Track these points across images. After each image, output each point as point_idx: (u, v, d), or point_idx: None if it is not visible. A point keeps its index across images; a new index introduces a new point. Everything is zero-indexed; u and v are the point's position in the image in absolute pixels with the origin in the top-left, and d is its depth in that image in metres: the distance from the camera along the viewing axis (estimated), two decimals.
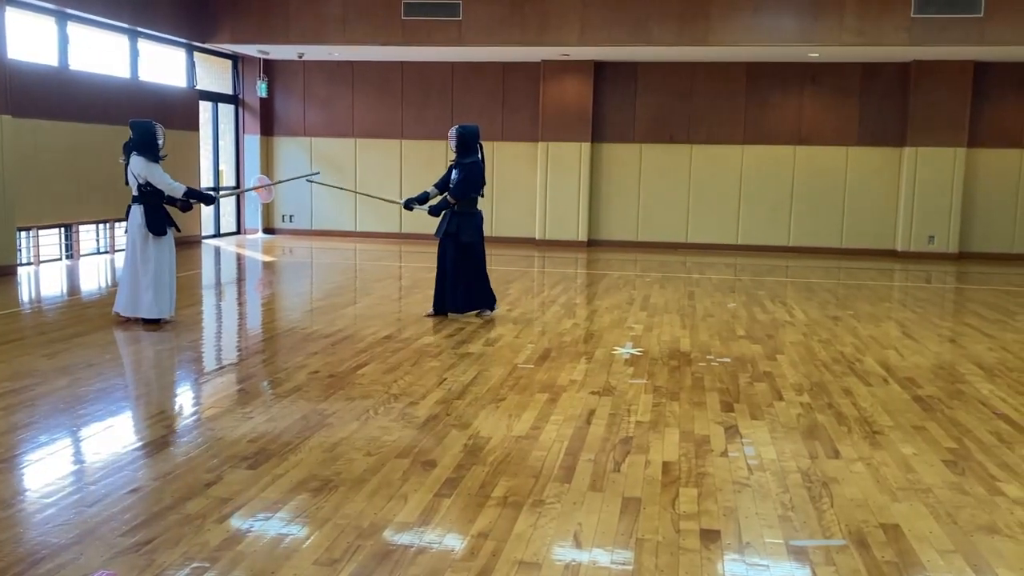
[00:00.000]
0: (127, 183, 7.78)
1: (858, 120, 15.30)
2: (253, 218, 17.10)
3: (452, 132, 8.42)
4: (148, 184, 7.64)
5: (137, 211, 7.69)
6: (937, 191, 14.90)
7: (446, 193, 8.34)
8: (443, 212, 8.34)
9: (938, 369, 6.76)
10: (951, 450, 4.75)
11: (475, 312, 8.49)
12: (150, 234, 7.67)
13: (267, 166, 17.04)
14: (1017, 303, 10.27)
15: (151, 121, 7.84)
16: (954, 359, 7.16)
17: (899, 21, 13.01)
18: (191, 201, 7.90)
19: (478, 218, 8.44)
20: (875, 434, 5.02)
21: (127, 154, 7.71)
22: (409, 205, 8.64)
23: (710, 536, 3.57)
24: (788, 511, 3.85)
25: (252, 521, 3.62)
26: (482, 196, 8.45)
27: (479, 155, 8.42)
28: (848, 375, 6.47)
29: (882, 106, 15.19)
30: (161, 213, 7.76)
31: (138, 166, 7.61)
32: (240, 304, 9.79)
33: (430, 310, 8.51)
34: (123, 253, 8.19)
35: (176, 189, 7.71)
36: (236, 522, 3.61)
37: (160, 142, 7.74)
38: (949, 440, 4.92)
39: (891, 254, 15.27)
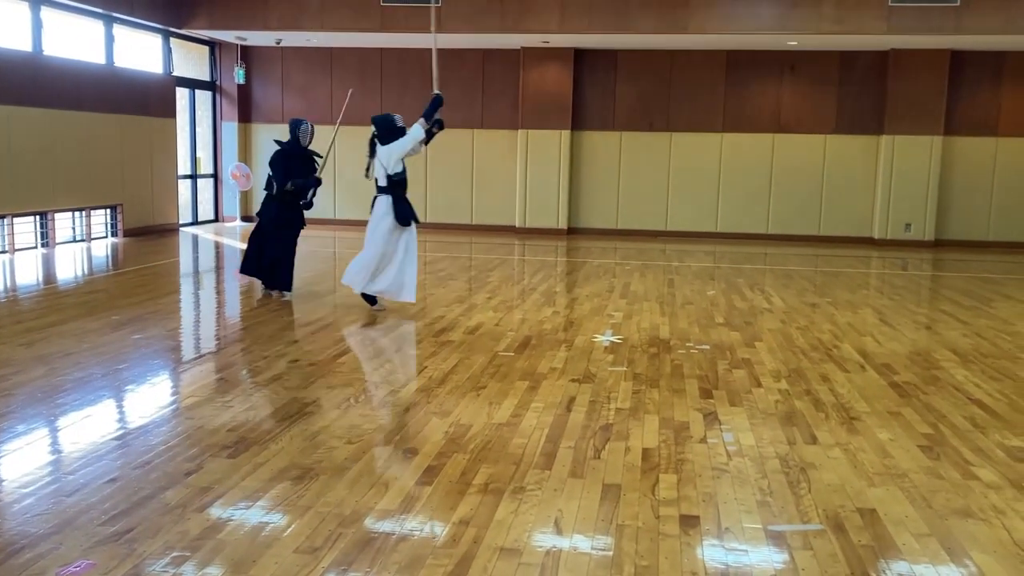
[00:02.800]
0: (368, 175, 8.11)
1: (836, 108, 15.39)
2: (231, 205, 16.98)
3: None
4: (397, 174, 7.92)
5: (384, 201, 7.91)
6: (914, 179, 15.03)
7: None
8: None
9: (914, 355, 6.84)
10: (926, 435, 4.81)
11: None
12: (398, 224, 7.89)
13: (245, 153, 16.92)
14: (992, 290, 10.39)
15: (388, 113, 8.33)
16: (930, 345, 7.24)
17: (877, 9, 13.08)
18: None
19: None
20: (852, 420, 5.08)
21: (372, 148, 8.01)
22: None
23: (689, 521, 3.61)
24: (766, 496, 3.89)
25: (233, 510, 3.62)
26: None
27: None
28: (826, 362, 6.53)
29: (860, 94, 15.28)
30: (406, 204, 7.98)
31: (385, 154, 7.89)
32: (219, 292, 9.72)
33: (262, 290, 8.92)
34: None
35: (415, 135, 7.99)
36: (216, 511, 3.60)
37: (400, 124, 8.15)
38: (924, 425, 4.99)
39: (868, 242, 15.39)
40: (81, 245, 12.98)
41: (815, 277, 11.28)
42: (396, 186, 7.95)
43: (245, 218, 17.01)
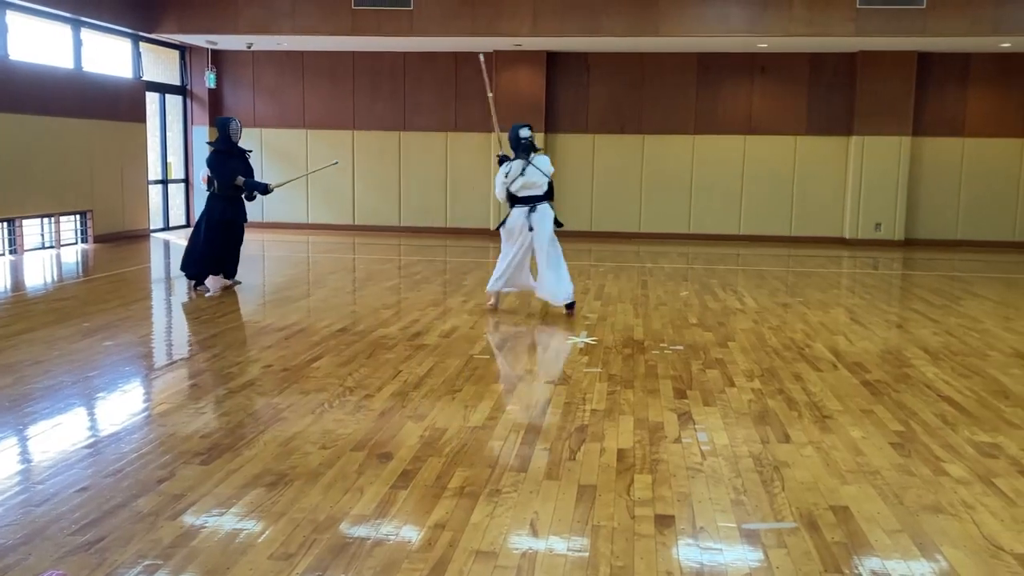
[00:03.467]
0: (524, 177, 8.05)
1: (806, 110, 15.53)
2: None
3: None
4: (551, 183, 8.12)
5: (550, 209, 8.14)
6: (883, 179, 15.19)
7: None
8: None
9: (885, 354, 6.91)
10: (898, 433, 4.86)
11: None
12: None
13: None
14: (961, 288, 10.53)
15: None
16: (901, 344, 7.32)
17: (845, 12, 13.23)
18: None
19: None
20: (825, 418, 5.12)
21: (529, 153, 8.08)
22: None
23: (664, 521, 3.62)
24: (740, 495, 3.91)
25: (206, 517, 3.58)
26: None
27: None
28: (798, 361, 6.58)
29: (829, 96, 15.43)
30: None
31: (544, 163, 8.09)
32: (191, 298, 9.64)
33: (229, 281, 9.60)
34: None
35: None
36: (189, 518, 3.57)
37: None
38: (896, 423, 5.04)
39: (839, 241, 15.54)
40: (50, 251, 12.82)
41: (787, 277, 11.37)
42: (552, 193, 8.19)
43: None
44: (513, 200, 8.18)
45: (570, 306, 8.22)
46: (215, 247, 9.27)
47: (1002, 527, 3.62)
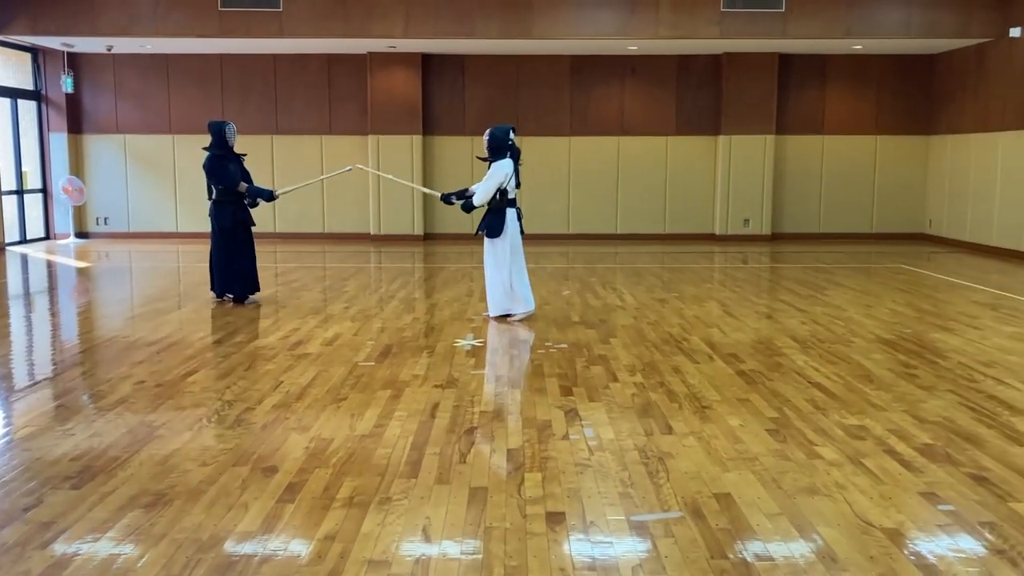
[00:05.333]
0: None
1: (675, 110, 16.00)
2: (64, 222, 16.00)
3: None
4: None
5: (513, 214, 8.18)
6: (750, 176, 15.81)
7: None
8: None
9: (758, 344, 7.19)
10: (773, 419, 5.06)
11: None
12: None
13: (77, 166, 15.99)
14: (825, 279, 11.06)
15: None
16: (771, 334, 7.63)
17: (710, 15, 13.70)
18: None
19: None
20: (704, 408, 5.28)
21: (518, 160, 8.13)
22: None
23: (555, 518, 3.65)
24: (628, 488, 3.99)
25: (79, 544, 3.40)
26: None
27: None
28: (677, 354, 6.77)
29: (697, 96, 15.95)
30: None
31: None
32: (53, 315, 9.14)
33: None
34: None
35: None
36: (61, 546, 3.37)
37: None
38: (771, 410, 5.25)
39: (710, 237, 16.08)
40: None
41: (663, 274, 11.69)
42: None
43: (80, 234, 16.08)
44: (500, 203, 8.17)
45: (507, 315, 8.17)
46: (229, 253, 8.98)
47: (871, 504, 3.82)
